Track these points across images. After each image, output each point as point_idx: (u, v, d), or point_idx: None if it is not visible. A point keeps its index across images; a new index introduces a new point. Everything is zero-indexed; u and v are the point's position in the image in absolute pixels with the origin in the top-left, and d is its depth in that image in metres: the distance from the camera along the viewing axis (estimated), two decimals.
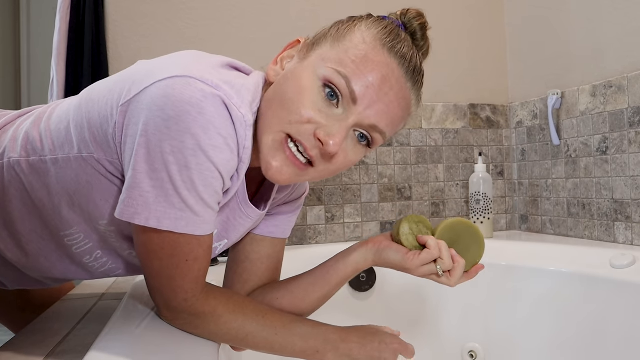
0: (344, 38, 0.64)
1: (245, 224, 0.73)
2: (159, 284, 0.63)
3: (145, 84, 0.58)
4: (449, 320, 1.34)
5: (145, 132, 0.56)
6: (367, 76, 0.61)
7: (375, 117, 0.62)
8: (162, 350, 0.60)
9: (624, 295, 1.05)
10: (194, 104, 0.55)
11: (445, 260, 0.71)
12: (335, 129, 0.61)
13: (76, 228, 0.69)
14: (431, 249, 0.71)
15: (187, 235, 0.59)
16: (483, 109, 1.74)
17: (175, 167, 0.56)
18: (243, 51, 1.51)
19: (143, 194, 0.57)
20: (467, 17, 1.74)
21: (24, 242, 0.72)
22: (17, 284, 0.82)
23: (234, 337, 0.66)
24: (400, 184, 1.65)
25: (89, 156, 0.63)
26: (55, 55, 1.39)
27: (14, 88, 2.56)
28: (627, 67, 1.31)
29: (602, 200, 1.38)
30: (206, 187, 0.58)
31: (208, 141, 0.56)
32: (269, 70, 0.69)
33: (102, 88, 0.65)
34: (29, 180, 0.67)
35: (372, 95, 0.61)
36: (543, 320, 1.21)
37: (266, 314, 0.68)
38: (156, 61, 0.63)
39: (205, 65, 0.60)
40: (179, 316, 0.65)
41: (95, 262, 0.75)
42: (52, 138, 0.66)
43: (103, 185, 0.64)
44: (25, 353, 0.71)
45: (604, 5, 1.37)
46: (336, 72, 0.61)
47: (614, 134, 1.33)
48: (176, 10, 1.50)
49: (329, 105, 0.62)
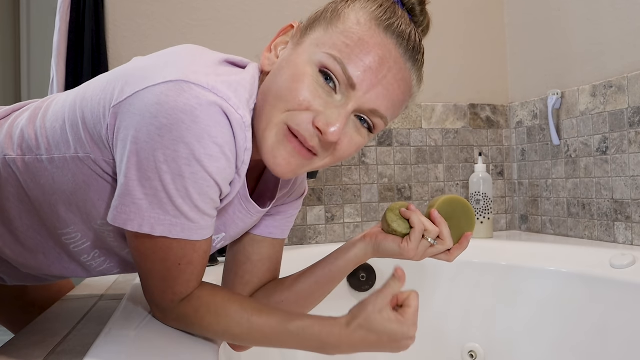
0: (337, 20, 0.61)
1: (245, 219, 0.72)
2: (150, 285, 0.63)
3: (138, 87, 0.56)
4: (449, 320, 1.34)
5: (137, 140, 0.54)
6: (364, 59, 0.58)
7: (376, 102, 0.60)
8: (161, 350, 0.60)
9: (624, 295, 1.05)
10: (188, 112, 0.54)
11: (429, 227, 0.69)
12: (334, 116, 0.59)
13: (73, 227, 0.69)
14: (415, 225, 0.70)
15: (181, 241, 0.59)
16: (483, 109, 1.74)
17: (169, 176, 0.55)
18: (243, 51, 1.50)
19: (136, 201, 0.56)
20: (467, 17, 1.74)
21: (22, 239, 0.72)
22: (17, 279, 0.82)
23: (222, 337, 0.65)
24: (400, 184, 1.65)
25: (85, 156, 0.62)
26: (55, 55, 1.39)
27: (14, 88, 2.56)
28: (627, 67, 1.31)
29: (602, 200, 1.38)
30: (201, 195, 0.57)
31: (203, 150, 0.54)
32: (263, 59, 0.66)
33: (96, 86, 0.63)
34: (25, 178, 0.67)
35: (371, 78, 0.59)
36: (543, 320, 1.21)
37: (251, 317, 0.63)
38: (151, 59, 0.61)
39: (202, 64, 0.59)
40: (169, 316, 0.65)
41: (93, 261, 0.75)
42: (48, 137, 0.65)
43: (100, 185, 0.64)
44: (25, 353, 0.71)
45: (604, 5, 1.37)
46: (331, 58, 0.59)
47: (614, 134, 1.33)
48: (176, 10, 1.50)
49: (327, 92, 0.59)
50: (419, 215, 0.70)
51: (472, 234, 0.74)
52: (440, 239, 0.71)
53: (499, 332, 1.28)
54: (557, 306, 1.19)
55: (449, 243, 0.71)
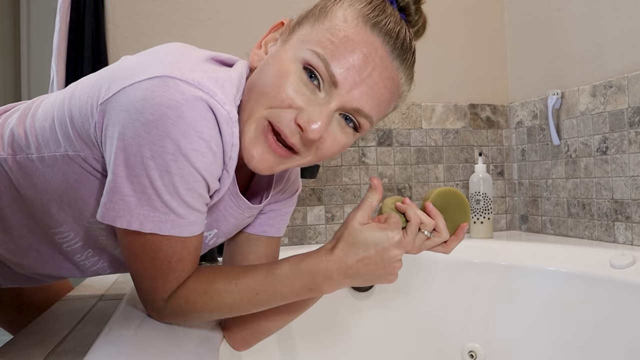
0: (325, 17, 0.60)
1: (236, 215, 0.72)
2: (141, 285, 0.63)
3: (124, 84, 0.56)
4: (449, 320, 1.34)
5: (123, 136, 0.54)
6: (348, 57, 0.58)
7: (359, 101, 0.59)
8: (161, 350, 0.60)
9: (624, 296, 1.05)
10: (173, 107, 0.53)
11: (425, 220, 0.69)
12: (316, 114, 0.58)
13: (66, 226, 0.69)
14: (411, 218, 0.68)
15: (171, 238, 0.58)
16: (483, 109, 1.74)
17: (156, 172, 0.54)
18: (243, 51, 1.51)
19: (124, 198, 0.56)
20: (467, 17, 1.74)
21: (16, 237, 0.72)
22: (11, 281, 0.82)
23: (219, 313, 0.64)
24: (400, 184, 1.65)
25: (75, 155, 0.62)
26: (55, 55, 1.39)
27: (14, 88, 2.56)
28: (627, 67, 1.31)
29: (602, 200, 1.38)
30: (189, 190, 0.56)
31: (189, 146, 0.54)
32: (253, 55, 0.66)
33: (84, 85, 0.63)
34: (17, 177, 0.67)
35: (354, 77, 0.58)
36: (543, 320, 1.21)
37: (238, 281, 0.62)
38: (138, 57, 0.61)
39: (188, 62, 0.58)
40: (163, 313, 0.65)
41: (87, 261, 0.75)
42: (37, 136, 0.65)
43: (91, 182, 0.63)
44: (25, 353, 0.71)
45: (604, 5, 1.37)
46: (315, 54, 0.58)
47: (614, 134, 1.33)
48: (176, 10, 1.50)
49: (311, 89, 0.59)
50: (415, 209, 0.69)
51: (467, 224, 0.74)
52: (436, 231, 0.70)
53: (499, 332, 1.28)
54: (557, 306, 1.19)
55: (445, 235, 0.70)
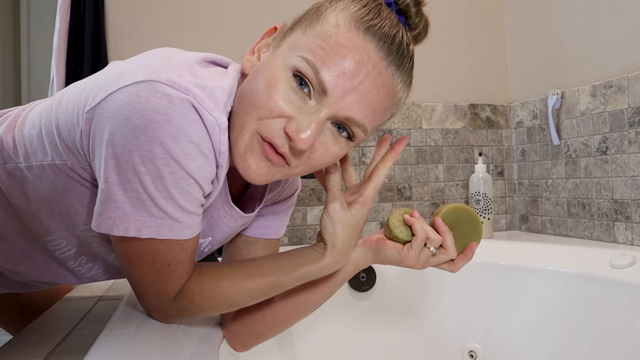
0: (317, 22, 0.58)
1: (230, 224, 0.71)
2: (142, 291, 0.63)
3: (110, 90, 0.54)
4: (449, 320, 1.34)
5: (112, 143, 0.53)
6: (338, 64, 0.55)
7: (350, 109, 0.56)
8: (161, 350, 0.60)
9: (624, 296, 1.05)
10: (160, 111, 0.52)
11: (432, 235, 0.68)
12: (305, 123, 0.55)
13: (57, 234, 0.68)
14: (417, 233, 0.68)
15: (169, 242, 0.58)
16: (483, 109, 1.74)
17: (149, 178, 0.53)
18: (243, 52, 1.51)
19: (119, 206, 0.55)
20: (467, 17, 1.74)
21: (9, 244, 0.71)
22: (5, 287, 0.82)
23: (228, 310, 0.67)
24: (400, 184, 1.65)
25: (62, 163, 0.61)
26: (55, 55, 1.38)
27: (14, 88, 2.56)
28: (627, 67, 1.31)
29: (602, 200, 1.38)
30: (183, 194, 0.55)
31: (179, 150, 0.53)
32: (245, 61, 0.64)
33: (72, 92, 0.62)
34: (7, 186, 0.66)
35: (345, 84, 0.55)
36: (543, 320, 1.21)
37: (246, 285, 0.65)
38: (126, 63, 0.60)
39: (176, 66, 0.56)
40: (168, 314, 0.65)
41: (81, 267, 0.74)
42: (25, 144, 0.64)
43: (80, 191, 0.62)
44: (25, 353, 0.71)
45: (604, 5, 1.37)
46: (304, 61, 0.56)
47: (614, 134, 1.33)
48: (176, 10, 1.50)
49: (301, 97, 0.56)
50: (422, 223, 0.68)
51: (478, 244, 0.72)
52: (443, 248, 0.69)
53: (499, 332, 1.28)
54: (557, 306, 1.19)
55: (452, 253, 0.69)
